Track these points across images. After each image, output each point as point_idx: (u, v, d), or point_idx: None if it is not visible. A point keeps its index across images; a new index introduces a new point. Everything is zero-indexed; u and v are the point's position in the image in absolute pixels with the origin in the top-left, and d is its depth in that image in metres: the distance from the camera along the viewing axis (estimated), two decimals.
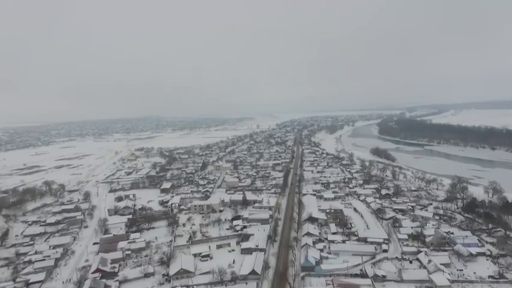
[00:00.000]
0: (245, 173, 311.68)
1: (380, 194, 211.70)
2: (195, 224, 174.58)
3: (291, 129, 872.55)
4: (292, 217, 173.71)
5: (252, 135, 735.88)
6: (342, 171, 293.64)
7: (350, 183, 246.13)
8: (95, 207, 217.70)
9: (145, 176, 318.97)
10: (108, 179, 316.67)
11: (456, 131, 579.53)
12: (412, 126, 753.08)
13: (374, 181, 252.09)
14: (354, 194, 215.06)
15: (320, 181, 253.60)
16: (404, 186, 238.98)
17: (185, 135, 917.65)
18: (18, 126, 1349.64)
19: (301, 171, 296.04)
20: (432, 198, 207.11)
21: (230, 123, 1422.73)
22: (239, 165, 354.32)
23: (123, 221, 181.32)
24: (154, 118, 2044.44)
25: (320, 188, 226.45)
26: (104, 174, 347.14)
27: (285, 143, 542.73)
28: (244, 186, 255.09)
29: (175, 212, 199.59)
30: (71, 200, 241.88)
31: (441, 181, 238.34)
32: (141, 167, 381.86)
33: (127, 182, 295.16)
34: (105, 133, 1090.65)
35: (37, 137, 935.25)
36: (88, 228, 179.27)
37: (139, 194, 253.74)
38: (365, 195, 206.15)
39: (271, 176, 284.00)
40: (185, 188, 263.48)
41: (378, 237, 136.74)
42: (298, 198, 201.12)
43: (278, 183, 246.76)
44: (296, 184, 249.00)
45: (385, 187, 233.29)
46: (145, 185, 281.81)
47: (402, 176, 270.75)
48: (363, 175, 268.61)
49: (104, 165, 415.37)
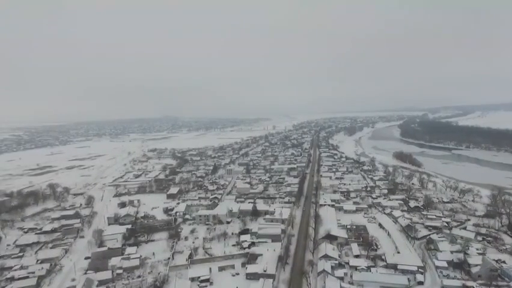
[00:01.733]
0: (258, 177, 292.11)
1: (408, 207, 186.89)
2: (198, 238, 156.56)
3: (308, 131, 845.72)
4: (307, 233, 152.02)
5: (268, 136, 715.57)
6: (364, 178, 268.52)
7: (373, 193, 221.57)
8: (96, 214, 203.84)
9: (154, 179, 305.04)
10: (115, 182, 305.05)
11: (486, 134, 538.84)
12: (437, 129, 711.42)
13: (400, 190, 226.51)
14: (378, 205, 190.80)
15: (339, 189, 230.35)
16: (435, 196, 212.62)
17: (201, 136, 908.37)
18: (40, 126, 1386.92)
19: (318, 178, 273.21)
20: (469, 212, 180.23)
21: (246, 124, 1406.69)
22: (252, 168, 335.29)
23: (121, 231, 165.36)
24: (171, 118, 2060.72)
25: (339, 198, 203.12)
26: (113, 176, 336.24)
27: (301, 146, 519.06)
28: (255, 193, 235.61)
29: (178, 221, 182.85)
30: (73, 204, 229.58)
31: (478, 192, 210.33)
32: (151, 169, 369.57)
33: (134, 185, 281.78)
34: (122, 133, 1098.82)
35: (56, 137, 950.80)
36: (84, 239, 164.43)
37: (144, 199, 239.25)
38: (391, 208, 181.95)
39: (285, 182, 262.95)
40: (193, 194, 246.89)
41: (411, 264, 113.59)
42: (315, 211, 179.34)
43: (293, 191, 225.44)
44: (313, 192, 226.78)
45: (413, 198, 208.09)
46: (152, 189, 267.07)
47: (432, 184, 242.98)
48: (388, 183, 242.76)
49: (115, 167, 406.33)
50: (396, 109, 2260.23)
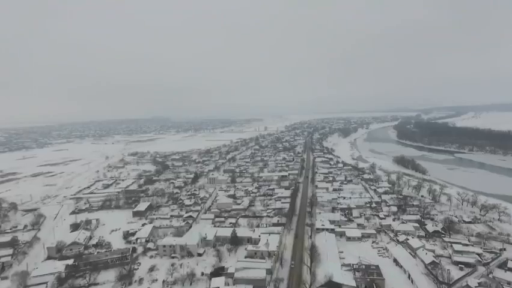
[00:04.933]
0: (244, 188, 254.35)
1: (426, 231, 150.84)
2: (157, 280, 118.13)
3: (301, 132, 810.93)
4: (301, 278, 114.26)
5: (258, 138, 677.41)
6: (366, 189, 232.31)
7: (379, 210, 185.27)
8: (38, 241, 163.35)
9: (124, 190, 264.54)
10: (79, 194, 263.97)
11: (488, 136, 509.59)
12: (435, 130, 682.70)
13: (410, 206, 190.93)
14: (388, 229, 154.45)
15: (338, 205, 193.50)
16: (452, 213, 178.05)
17: (189, 138, 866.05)
18: (21, 127, 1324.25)
19: (314, 189, 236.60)
20: (501, 237, 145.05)
21: (237, 125, 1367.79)
22: (238, 177, 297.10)
23: (57, 270, 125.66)
24: (162, 119, 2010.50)
25: (340, 219, 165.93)
26: (79, 186, 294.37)
27: (293, 149, 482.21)
28: (239, 209, 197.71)
29: (138, 252, 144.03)
30: (15, 226, 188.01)
31: (505, 209, 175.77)
32: (125, 177, 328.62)
33: (99, 198, 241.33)
34: (107, 134, 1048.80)
35: (35, 139, 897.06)
36: (6, 281, 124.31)
37: (106, 217, 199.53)
38: (406, 234, 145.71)
39: (275, 195, 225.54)
40: (165, 210, 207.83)
41: None
42: (310, 238, 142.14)
43: (283, 208, 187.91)
44: (307, 210, 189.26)
45: (428, 216, 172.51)
46: (118, 203, 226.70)
47: (445, 198, 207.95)
48: (396, 198, 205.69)
49: (86, 174, 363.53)
50: (389, 110, 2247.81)
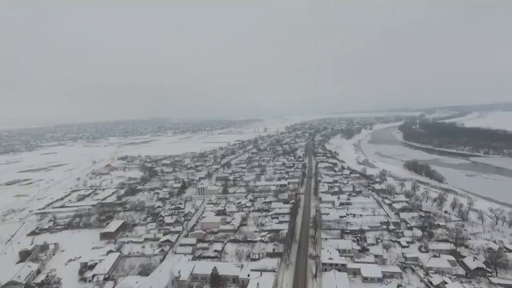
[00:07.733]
0: (237, 201, 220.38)
1: (465, 267, 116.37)
2: None
3: (302, 134, 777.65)
4: None
5: (257, 140, 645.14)
6: (379, 203, 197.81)
7: (399, 233, 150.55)
8: None
9: (99, 203, 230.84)
10: (49, 207, 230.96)
11: (503, 138, 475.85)
12: (443, 131, 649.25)
13: (436, 226, 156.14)
14: (415, 264, 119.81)
15: (348, 226, 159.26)
16: (486, 236, 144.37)
17: (185, 140, 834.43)
18: (14, 129, 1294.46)
19: (317, 203, 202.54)
20: None
21: (236, 126, 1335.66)
22: (232, 186, 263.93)
23: None
24: (160, 120, 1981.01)
25: (352, 248, 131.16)
26: (52, 198, 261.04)
27: (294, 152, 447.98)
28: (228, 231, 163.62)
29: None
30: None
31: None
32: (106, 186, 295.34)
33: (68, 213, 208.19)
34: (101, 136, 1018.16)
35: (27, 141, 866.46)
36: None
37: (68, 240, 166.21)
38: (439, 272, 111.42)
39: (271, 210, 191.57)
40: (140, 230, 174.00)
41: None
42: (315, 278, 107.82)
43: (281, 230, 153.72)
44: (310, 235, 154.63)
45: (461, 242, 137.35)
46: (88, 220, 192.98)
47: (474, 215, 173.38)
48: (418, 218, 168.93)
49: (66, 181, 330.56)
50: (391, 109, 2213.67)
